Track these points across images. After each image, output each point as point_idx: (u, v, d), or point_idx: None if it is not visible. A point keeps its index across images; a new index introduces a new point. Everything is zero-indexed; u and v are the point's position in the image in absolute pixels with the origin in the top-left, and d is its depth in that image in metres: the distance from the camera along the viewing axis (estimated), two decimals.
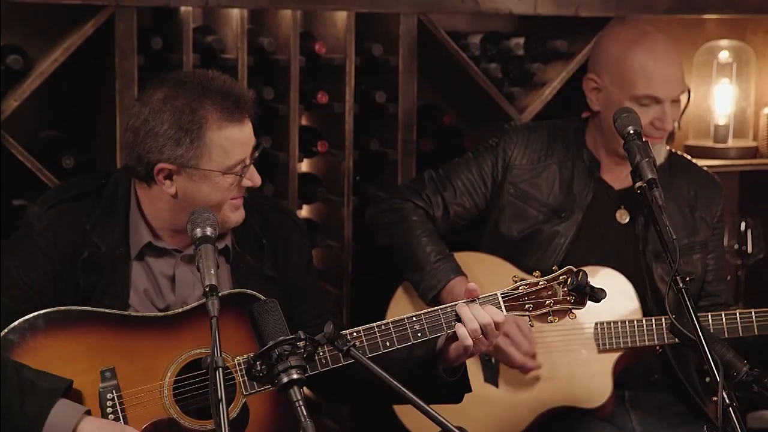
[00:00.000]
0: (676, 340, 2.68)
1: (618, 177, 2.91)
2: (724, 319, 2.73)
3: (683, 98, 2.90)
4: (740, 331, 2.73)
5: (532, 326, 2.37)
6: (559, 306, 2.31)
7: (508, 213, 2.94)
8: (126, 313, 2.30)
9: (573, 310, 2.33)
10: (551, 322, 2.33)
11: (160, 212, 2.36)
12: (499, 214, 2.95)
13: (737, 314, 2.73)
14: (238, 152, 2.31)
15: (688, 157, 3.10)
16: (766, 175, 3.84)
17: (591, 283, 2.29)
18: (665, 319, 2.74)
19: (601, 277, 2.79)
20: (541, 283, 2.32)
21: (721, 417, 2.03)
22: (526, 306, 2.31)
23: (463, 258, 2.88)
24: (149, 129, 2.29)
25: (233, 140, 2.30)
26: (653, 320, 2.78)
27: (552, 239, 2.88)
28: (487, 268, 2.90)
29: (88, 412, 2.18)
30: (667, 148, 2.91)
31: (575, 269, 2.31)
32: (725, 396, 2.04)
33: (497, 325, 2.29)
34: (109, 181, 2.44)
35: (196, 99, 2.28)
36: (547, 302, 2.31)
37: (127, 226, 2.39)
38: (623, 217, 2.92)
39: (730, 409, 2.03)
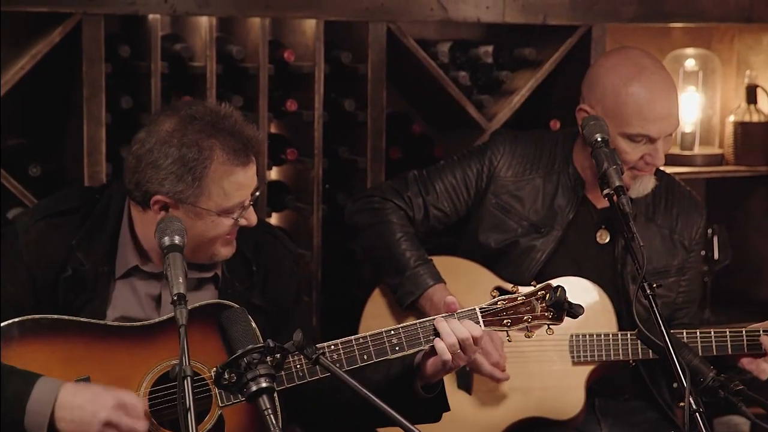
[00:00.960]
0: (650, 355, 2.70)
1: (601, 196, 2.88)
2: (698, 337, 2.71)
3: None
4: (714, 350, 2.71)
5: (509, 341, 2.37)
6: (536, 321, 2.31)
7: (487, 223, 2.91)
8: (101, 322, 2.28)
9: (551, 326, 2.33)
10: (528, 337, 2.33)
11: (152, 236, 2.30)
12: (479, 222, 2.92)
13: (712, 332, 2.71)
14: (237, 195, 2.28)
15: (674, 177, 3.04)
16: (731, 182, 3.87)
17: (569, 299, 2.29)
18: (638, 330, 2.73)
19: (579, 289, 2.78)
20: (519, 298, 2.32)
21: (687, 422, 2.04)
22: (504, 321, 2.31)
23: (441, 263, 2.87)
24: (152, 160, 2.25)
25: (235, 183, 2.27)
26: (628, 334, 2.76)
27: (528, 253, 2.86)
28: (466, 274, 2.89)
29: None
30: (655, 179, 2.83)
31: (554, 285, 2.31)
32: (692, 402, 2.06)
33: (475, 340, 2.28)
34: (102, 196, 2.41)
35: (204, 137, 2.25)
36: (525, 317, 2.31)
37: (114, 245, 2.36)
38: (603, 237, 2.89)
39: (697, 414, 2.05)
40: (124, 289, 2.36)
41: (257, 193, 2.34)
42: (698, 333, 2.72)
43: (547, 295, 2.31)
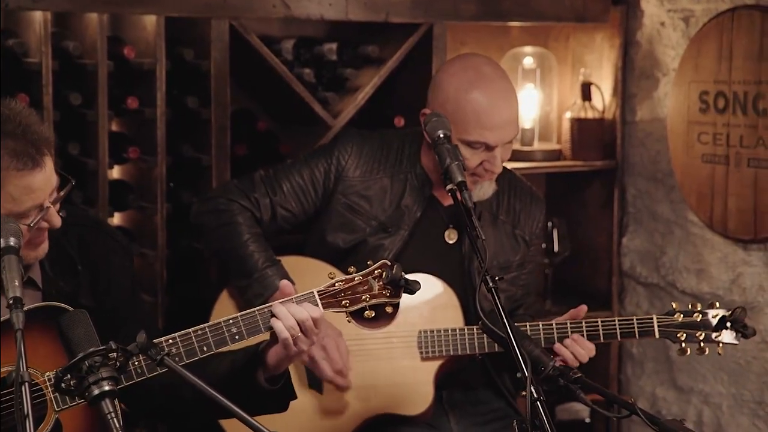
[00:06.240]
0: (496, 348, 2.76)
1: (448, 195, 2.89)
2: (541, 329, 2.76)
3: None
4: (556, 341, 2.76)
5: (349, 321, 2.37)
6: (375, 300, 2.32)
7: (335, 223, 2.91)
8: None
9: (389, 304, 2.35)
10: (368, 317, 2.33)
11: None
12: (327, 222, 2.92)
13: (554, 324, 2.76)
14: (29, 200, 2.18)
15: (515, 173, 3.10)
16: (569, 176, 4.00)
17: (405, 276, 2.31)
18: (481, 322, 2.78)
19: (426, 285, 2.78)
20: (356, 278, 2.33)
21: (529, 410, 2.09)
22: (343, 302, 2.31)
23: (290, 263, 2.86)
24: None
25: (23, 188, 2.16)
26: (474, 329, 2.80)
27: (376, 252, 2.86)
28: (315, 273, 2.86)
29: None
30: (495, 185, 2.87)
31: (390, 263, 2.33)
32: (533, 390, 2.11)
33: (315, 322, 2.28)
34: None
35: None
36: (364, 297, 2.32)
37: None
38: (452, 236, 2.92)
39: (538, 402, 2.10)
40: None
41: (62, 193, 2.24)
42: (540, 325, 2.79)
43: (384, 273, 2.32)
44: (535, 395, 2.10)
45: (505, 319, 2.24)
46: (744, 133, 3.49)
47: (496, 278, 2.31)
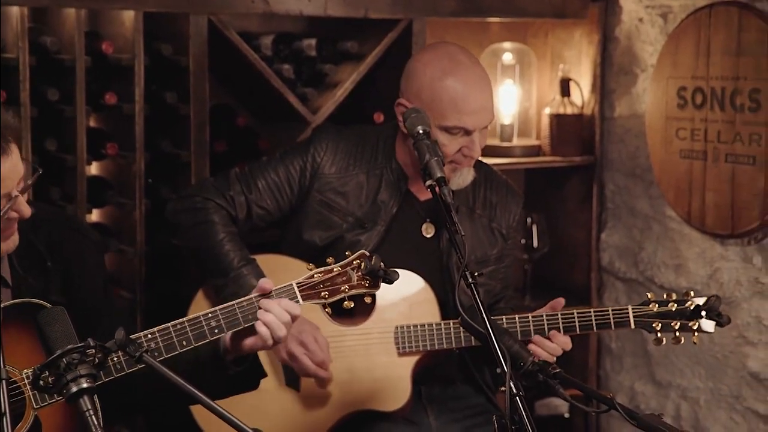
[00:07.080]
0: (473, 342, 2.76)
1: (424, 189, 2.91)
2: (517, 322, 2.77)
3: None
4: (532, 334, 2.77)
5: (329, 313, 2.37)
6: (354, 291, 2.32)
7: (312, 220, 2.91)
8: None
9: (368, 294, 2.35)
10: (348, 307, 2.33)
11: None
12: (303, 219, 2.92)
13: (530, 317, 2.77)
14: None
15: (491, 167, 3.11)
16: (548, 172, 4.01)
17: (383, 266, 2.32)
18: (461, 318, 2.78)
19: (402, 280, 2.80)
20: (335, 269, 2.33)
21: (508, 406, 2.10)
22: (322, 294, 2.32)
23: (265, 261, 2.86)
24: None
25: None
26: (451, 323, 2.81)
27: (353, 248, 2.82)
28: (291, 270, 2.85)
29: None
30: (473, 172, 2.89)
31: (368, 254, 2.34)
32: (512, 385, 2.11)
33: (293, 318, 2.28)
34: None
35: None
36: (343, 288, 2.32)
37: None
38: (429, 230, 2.93)
39: (517, 398, 2.10)
40: None
41: (30, 182, 2.22)
42: (517, 318, 2.80)
43: (362, 264, 2.32)
44: (514, 390, 2.11)
45: (484, 315, 2.24)
46: (722, 129, 3.51)
47: (476, 274, 2.32)
